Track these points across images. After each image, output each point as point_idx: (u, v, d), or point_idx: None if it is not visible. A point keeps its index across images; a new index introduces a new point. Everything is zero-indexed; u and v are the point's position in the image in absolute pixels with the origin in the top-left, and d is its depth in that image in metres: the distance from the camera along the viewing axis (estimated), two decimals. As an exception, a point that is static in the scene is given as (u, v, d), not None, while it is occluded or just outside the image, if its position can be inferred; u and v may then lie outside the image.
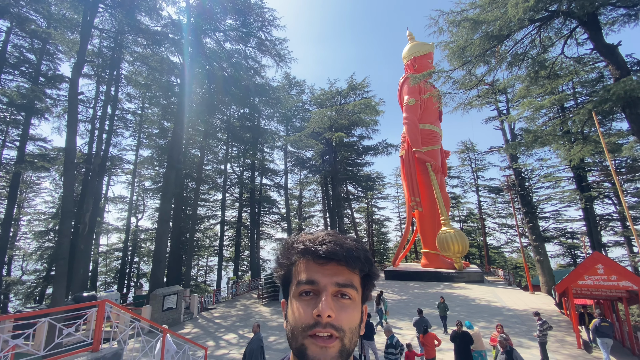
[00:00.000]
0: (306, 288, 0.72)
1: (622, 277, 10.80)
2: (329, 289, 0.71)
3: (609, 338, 9.27)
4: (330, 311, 0.67)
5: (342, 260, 0.73)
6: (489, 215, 40.58)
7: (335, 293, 0.72)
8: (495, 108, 28.34)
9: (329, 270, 0.73)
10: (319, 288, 0.71)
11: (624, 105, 10.06)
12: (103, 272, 33.95)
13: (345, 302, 0.72)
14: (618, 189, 7.02)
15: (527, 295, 21.26)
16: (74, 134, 14.02)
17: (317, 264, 0.74)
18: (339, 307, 0.70)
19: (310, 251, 0.75)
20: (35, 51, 21.52)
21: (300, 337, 0.68)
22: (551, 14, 12.33)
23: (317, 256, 0.74)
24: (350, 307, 0.72)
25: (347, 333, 0.69)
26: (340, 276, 0.73)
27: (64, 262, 12.97)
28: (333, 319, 0.67)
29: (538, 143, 12.86)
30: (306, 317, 0.68)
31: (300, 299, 0.72)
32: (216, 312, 18.64)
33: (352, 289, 0.73)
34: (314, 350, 0.66)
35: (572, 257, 31.97)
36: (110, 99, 24.48)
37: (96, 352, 4.62)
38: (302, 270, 0.75)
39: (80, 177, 24.07)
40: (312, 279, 0.72)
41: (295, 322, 0.70)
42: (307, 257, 0.75)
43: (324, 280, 0.71)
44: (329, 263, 0.73)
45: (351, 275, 0.74)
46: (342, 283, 0.72)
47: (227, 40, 23.29)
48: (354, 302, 0.73)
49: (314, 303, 0.70)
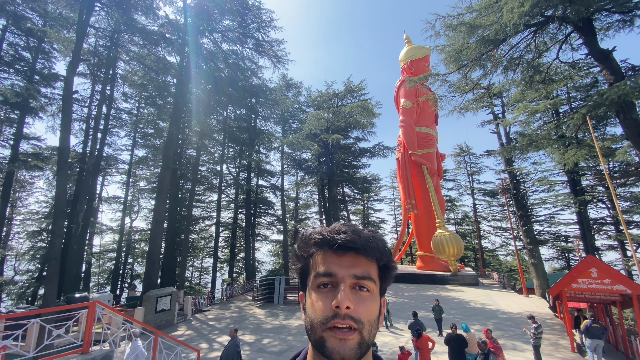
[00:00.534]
0: (324, 280, 0.72)
1: (615, 281, 10.86)
2: (347, 281, 0.70)
3: (600, 340, 9.33)
4: (349, 302, 0.66)
5: (360, 250, 0.72)
6: (484, 218, 40.79)
7: (354, 285, 0.71)
8: (491, 112, 28.55)
9: (347, 262, 0.72)
10: (337, 280, 0.71)
11: (618, 110, 10.17)
12: (96, 272, 33.55)
13: (363, 295, 0.71)
14: (612, 193, 7.07)
15: (522, 298, 21.36)
16: (68, 133, 13.88)
17: (335, 254, 0.73)
18: (357, 299, 0.69)
19: (327, 241, 0.74)
20: (31, 49, 21.32)
21: (320, 329, 0.67)
22: (546, 19, 12.45)
23: (335, 246, 0.73)
24: (369, 299, 0.71)
25: (366, 325, 0.68)
26: (358, 268, 0.72)
27: (56, 262, 12.81)
28: (352, 310, 0.67)
29: (533, 147, 12.95)
30: (325, 309, 0.68)
31: (319, 291, 0.72)
32: (210, 314, 18.50)
33: (370, 281, 0.72)
34: (333, 343, 0.66)
35: (566, 261, 32.19)
36: (106, 98, 24.30)
37: (86, 355, 4.53)
38: (320, 262, 0.74)
39: (74, 177, 23.84)
40: (330, 271, 0.71)
41: (314, 314, 0.70)
42: (324, 249, 0.75)
43: (342, 272, 0.71)
44: (346, 253, 0.73)
45: (369, 266, 0.74)
46: (360, 275, 0.71)
47: (224, 40, 23.26)
48: (372, 294, 0.73)
49: (332, 295, 0.69)
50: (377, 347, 7.88)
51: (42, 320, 5.04)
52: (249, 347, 11.90)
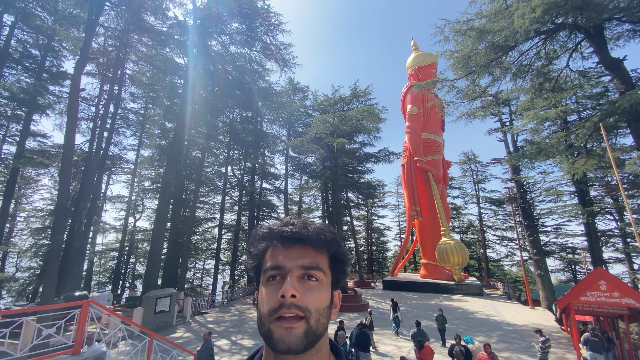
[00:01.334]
0: (273, 273, 0.71)
1: (624, 295, 10.54)
2: (294, 272, 0.70)
3: (599, 353, 9.12)
4: (294, 291, 0.66)
5: (307, 241, 0.72)
6: (490, 228, 40.25)
7: (302, 275, 0.71)
8: (499, 119, 28.28)
9: (295, 254, 0.72)
10: (285, 272, 0.70)
11: (630, 120, 9.93)
12: (98, 271, 33.58)
13: (311, 284, 0.71)
14: (625, 204, 6.84)
15: (527, 310, 20.89)
16: (73, 131, 13.92)
17: (284, 247, 0.73)
18: (304, 289, 0.69)
19: (275, 234, 0.74)
20: (40, 47, 21.54)
21: (267, 322, 0.66)
22: (557, 26, 12.30)
23: (282, 238, 0.73)
24: (317, 289, 0.71)
25: (314, 314, 0.67)
26: (306, 258, 0.72)
27: (56, 259, 12.77)
28: (298, 299, 0.66)
29: (542, 155, 12.70)
30: (272, 300, 0.67)
31: (267, 284, 0.71)
32: (210, 316, 18.31)
33: (319, 270, 0.72)
34: (278, 333, 0.64)
35: (572, 273, 31.56)
36: (114, 98, 24.50)
37: (77, 355, 4.40)
38: (269, 257, 0.74)
39: (79, 175, 23.95)
40: (278, 264, 0.71)
41: (262, 307, 0.69)
42: (273, 243, 0.74)
43: (289, 264, 0.70)
44: (294, 245, 0.73)
45: (317, 257, 0.73)
46: (308, 265, 0.71)
47: (232, 43, 23.36)
48: (321, 283, 0.72)
49: (279, 286, 0.68)
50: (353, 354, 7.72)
51: (38, 319, 4.93)
52: (247, 352, 11.69)
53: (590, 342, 9.29)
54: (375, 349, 11.75)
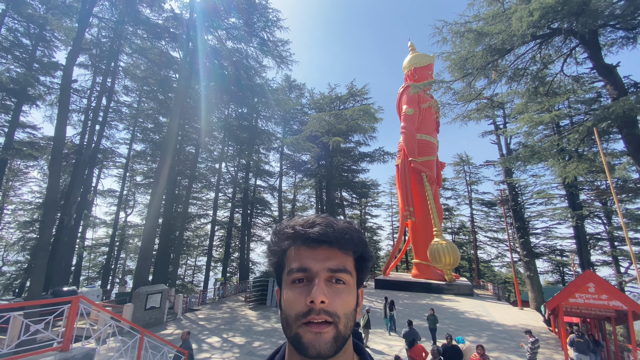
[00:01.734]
0: (298, 276, 0.69)
1: (612, 297, 10.75)
2: (321, 275, 0.68)
3: (584, 354, 9.30)
4: (324, 297, 0.64)
5: (334, 243, 0.70)
6: (481, 229, 40.70)
7: (329, 278, 0.69)
8: (493, 122, 28.54)
9: (321, 255, 0.70)
10: (311, 274, 0.68)
11: (621, 125, 10.10)
12: (87, 266, 33.10)
13: (339, 287, 0.69)
14: (617, 207, 6.95)
15: (516, 310, 21.19)
16: (64, 123, 13.65)
17: (309, 248, 0.71)
18: (332, 293, 0.67)
19: (300, 235, 0.71)
20: (31, 36, 21.03)
21: (295, 325, 0.65)
22: (553, 31, 12.43)
23: (308, 240, 0.70)
24: (345, 292, 0.69)
25: (342, 319, 0.66)
26: (333, 260, 0.70)
27: (45, 254, 12.53)
28: (327, 305, 0.65)
29: (535, 158, 12.86)
30: (299, 305, 0.66)
31: (293, 286, 0.69)
32: (201, 313, 18.18)
33: (346, 273, 0.70)
34: (308, 338, 0.64)
35: (561, 275, 32.09)
36: (106, 90, 24.06)
37: (65, 352, 4.30)
38: (294, 257, 0.71)
39: (69, 168, 23.53)
40: (304, 266, 0.69)
41: (289, 310, 0.67)
42: (297, 243, 0.72)
43: (316, 266, 0.68)
44: (320, 246, 0.70)
45: (344, 258, 0.72)
46: (335, 268, 0.69)
47: (229, 38, 23.14)
48: (348, 286, 0.70)
49: (307, 290, 0.67)
50: None
51: (25, 314, 4.82)
52: (238, 350, 11.64)
53: (576, 344, 9.48)
54: (367, 347, 11.81)
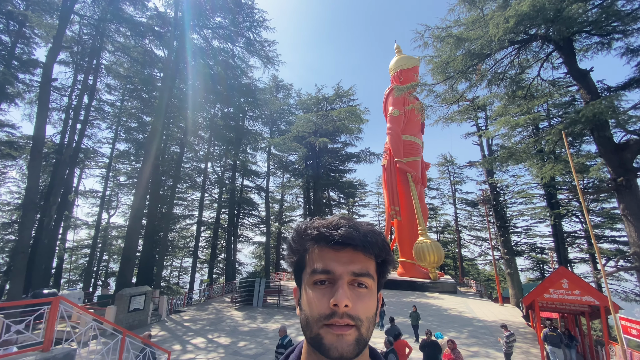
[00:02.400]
0: (321, 277, 0.69)
1: (585, 292, 11.24)
2: (345, 278, 0.68)
3: (557, 347, 9.73)
4: (348, 301, 0.64)
5: (358, 246, 0.69)
6: (465, 228, 41.65)
7: (352, 282, 0.69)
8: (475, 124, 29.26)
9: (345, 258, 0.70)
10: (334, 277, 0.68)
11: (593, 128, 10.60)
12: (68, 269, 32.25)
13: (361, 291, 0.69)
14: (583, 208, 7.34)
15: (497, 307, 21.83)
16: (44, 122, 13.35)
17: (332, 250, 0.70)
18: (355, 297, 0.67)
19: (325, 237, 0.71)
20: (10, 33, 20.40)
21: (316, 326, 0.65)
22: (530, 37, 12.91)
23: (333, 242, 0.70)
24: (367, 296, 0.69)
25: (365, 322, 0.66)
26: (357, 264, 0.69)
27: (24, 255, 12.25)
28: (350, 308, 0.65)
29: (512, 159, 13.34)
30: (322, 306, 0.66)
31: (315, 287, 0.69)
32: (186, 315, 18.04)
33: (369, 277, 0.70)
34: (330, 339, 0.64)
35: (541, 272, 33.17)
36: (88, 89, 23.53)
37: (46, 352, 4.30)
38: (317, 258, 0.71)
39: (49, 168, 22.92)
40: (327, 268, 0.68)
41: (310, 311, 0.67)
42: (321, 244, 0.71)
43: (340, 269, 0.68)
44: (344, 249, 0.70)
45: (367, 262, 0.71)
46: (359, 272, 0.69)
47: (215, 37, 23.01)
48: (370, 290, 0.70)
49: (329, 292, 0.67)
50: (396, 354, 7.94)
51: (4, 315, 4.78)
52: (223, 350, 11.65)
53: (549, 337, 9.90)
54: None
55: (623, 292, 24.52)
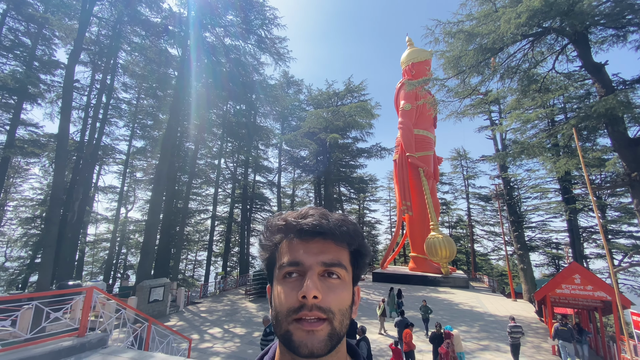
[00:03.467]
0: (290, 270, 0.66)
1: (597, 288, 11.22)
2: (315, 269, 0.65)
3: (568, 342, 9.78)
4: (317, 291, 0.61)
5: (328, 234, 0.67)
6: (478, 223, 41.24)
7: (322, 272, 0.66)
8: (488, 118, 28.86)
9: (315, 248, 0.67)
10: (304, 268, 0.65)
11: (607, 123, 10.45)
12: (89, 262, 33.61)
13: (333, 282, 0.66)
14: (593, 202, 7.35)
15: (510, 302, 21.75)
16: (68, 122, 13.97)
17: (301, 241, 0.68)
18: (326, 288, 0.64)
19: (292, 226, 0.69)
20: (31, 35, 21.23)
21: (285, 322, 0.62)
22: (544, 30, 12.69)
23: (301, 232, 0.67)
24: (339, 287, 0.66)
25: (337, 315, 0.63)
26: (327, 254, 0.67)
27: (51, 249, 12.94)
28: (320, 300, 0.62)
29: (525, 154, 13.25)
30: (291, 300, 0.62)
31: (284, 281, 0.66)
32: (202, 306, 18.69)
33: (341, 267, 0.67)
34: (299, 336, 0.61)
35: (556, 267, 32.69)
36: (106, 88, 24.28)
37: (82, 337, 4.72)
38: (285, 251, 0.68)
39: (70, 165, 23.86)
40: (296, 260, 0.66)
41: (279, 307, 0.64)
42: (289, 236, 0.69)
43: (309, 260, 0.65)
44: (313, 239, 0.67)
45: (339, 252, 0.69)
46: (329, 262, 0.66)
47: (227, 35, 23.34)
48: (343, 281, 0.67)
49: (299, 284, 0.64)
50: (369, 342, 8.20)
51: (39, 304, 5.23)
52: (239, 340, 12.13)
53: (559, 332, 9.95)
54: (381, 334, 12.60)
55: (639, 288, 24.08)
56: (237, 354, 10.60)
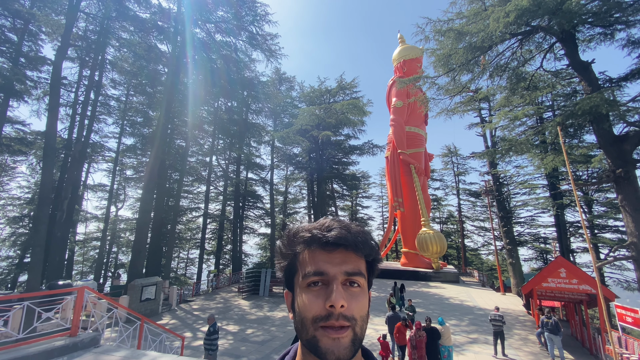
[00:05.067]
0: (315, 279, 0.69)
1: (582, 281, 11.56)
2: (338, 278, 0.69)
3: (555, 335, 10.09)
4: (343, 301, 0.65)
5: (350, 246, 0.71)
6: (468, 218, 41.85)
7: (345, 281, 0.70)
8: (478, 115, 29.22)
9: (337, 258, 0.71)
10: (327, 278, 0.69)
11: (592, 120, 10.72)
12: (80, 261, 33.17)
13: (354, 290, 0.70)
14: (576, 198, 7.57)
15: (499, 296, 22.22)
16: (55, 119, 13.74)
17: (324, 251, 0.72)
18: (349, 296, 0.68)
19: (317, 239, 0.72)
20: (17, 31, 20.67)
21: (312, 328, 0.66)
22: (532, 28, 12.91)
23: (325, 243, 0.71)
24: (360, 295, 0.70)
25: (359, 321, 0.68)
26: (349, 264, 0.71)
27: (40, 249, 12.76)
28: (345, 308, 0.66)
29: (513, 151, 13.50)
30: (317, 308, 0.66)
31: (309, 290, 0.70)
32: (195, 304, 18.66)
33: (361, 276, 0.71)
34: (326, 342, 0.64)
35: (544, 262, 33.41)
36: (94, 84, 23.83)
37: (74, 337, 4.72)
38: (309, 260, 0.72)
39: (59, 163, 23.44)
40: (321, 270, 0.69)
41: (305, 313, 0.68)
42: (312, 246, 0.73)
43: (333, 270, 0.69)
44: (336, 250, 0.71)
45: (359, 261, 0.73)
46: (351, 271, 0.70)
47: (217, 31, 23.11)
48: (362, 289, 0.72)
49: (323, 293, 0.68)
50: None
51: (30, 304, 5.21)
52: (232, 337, 12.18)
53: (546, 325, 10.26)
54: None
55: (625, 281, 24.77)
56: (230, 351, 10.66)
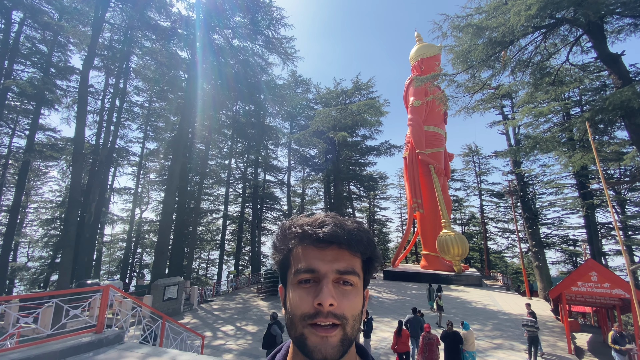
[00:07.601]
0: (306, 276, 0.68)
1: (615, 285, 10.90)
2: (329, 276, 0.67)
3: (623, 355, 9.19)
4: (332, 299, 0.64)
5: (343, 244, 0.69)
6: (491, 220, 40.52)
7: (337, 280, 0.68)
8: (500, 112, 28.31)
9: (329, 256, 0.69)
10: (319, 275, 0.68)
11: (623, 115, 10.14)
12: (106, 261, 34.57)
13: (346, 289, 0.68)
14: (607, 198, 7.16)
15: (524, 300, 21.33)
16: (83, 126, 14.39)
17: (317, 248, 0.70)
18: (340, 294, 0.67)
19: (309, 235, 0.70)
20: (47, 42, 21.93)
21: (300, 326, 0.65)
22: (557, 21, 12.37)
23: (317, 240, 0.69)
24: (352, 294, 0.68)
25: (350, 320, 0.66)
26: (342, 262, 0.69)
27: (70, 249, 13.36)
28: (335, 307, 0.64)
29: (538, 149, 12.96)
30: (306, 306, 0.65)
31: (300, 287, 0.69)
32: (215, 304, 18.99)
33: (354, 275, 0.69)
34: (314, 340, 0.63)
35: (573, 265, 31.87)
36: (119, 92, 24.88)
37: (99, 334, 4.90)
38: (301, 257, 0.70)
39: (87, 168, 24.57)
40: (312, 267, 0.68)
41: (294, 310, 0.66)
42: (305, 242, 0.71)
43: (324, 268, 0.67)
44: (329, 247, 0.69)
45: (352, 260, 0.70)
46: (343, 270, 0.68)
47: (235, 37, 23.55)
48: (355, 288, 0.70)
49: (314, 291, 0.67)
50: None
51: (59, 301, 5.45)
52: (251, 337, 12.30)
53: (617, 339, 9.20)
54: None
55: (664, 286, 23.21)
56: (249, 351, 10.76)
